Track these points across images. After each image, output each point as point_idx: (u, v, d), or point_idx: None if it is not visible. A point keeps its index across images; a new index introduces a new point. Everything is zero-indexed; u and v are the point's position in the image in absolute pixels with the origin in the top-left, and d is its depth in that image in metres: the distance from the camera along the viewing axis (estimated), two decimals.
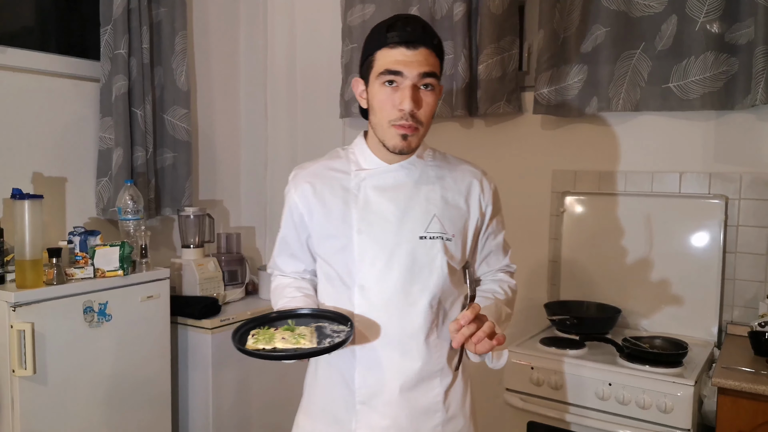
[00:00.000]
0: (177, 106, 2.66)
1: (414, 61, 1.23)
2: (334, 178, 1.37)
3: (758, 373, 1.76)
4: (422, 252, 1.31)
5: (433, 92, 1.26)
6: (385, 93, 1.25)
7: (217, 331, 2.42)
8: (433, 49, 1.25)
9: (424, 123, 1.27)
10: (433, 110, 1.28)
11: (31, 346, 1.88)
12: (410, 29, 1.23)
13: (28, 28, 2.40)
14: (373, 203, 1.33)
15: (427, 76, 1.24)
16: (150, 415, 2.29)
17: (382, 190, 1.34)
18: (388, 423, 1.33)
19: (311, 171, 1.40)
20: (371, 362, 1.32)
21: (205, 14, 2.92)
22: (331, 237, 1.35)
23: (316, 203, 1.37)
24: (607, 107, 2.28)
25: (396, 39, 1.23)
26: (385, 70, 1.24)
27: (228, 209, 3.10)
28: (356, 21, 2.79)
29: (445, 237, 1.32)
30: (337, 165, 1.39)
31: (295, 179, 1.41)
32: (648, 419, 1.85)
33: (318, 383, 1.43)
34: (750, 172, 2.14)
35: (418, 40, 1.23)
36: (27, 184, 2.25)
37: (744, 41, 2.05)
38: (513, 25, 2.46)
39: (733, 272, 2.17)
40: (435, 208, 1.33)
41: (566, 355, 2.03)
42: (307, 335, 1.23)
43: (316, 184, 1.38)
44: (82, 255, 2.11)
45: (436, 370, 1.35)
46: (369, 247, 1.31)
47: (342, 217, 1.34)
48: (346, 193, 1.35)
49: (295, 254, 1.47)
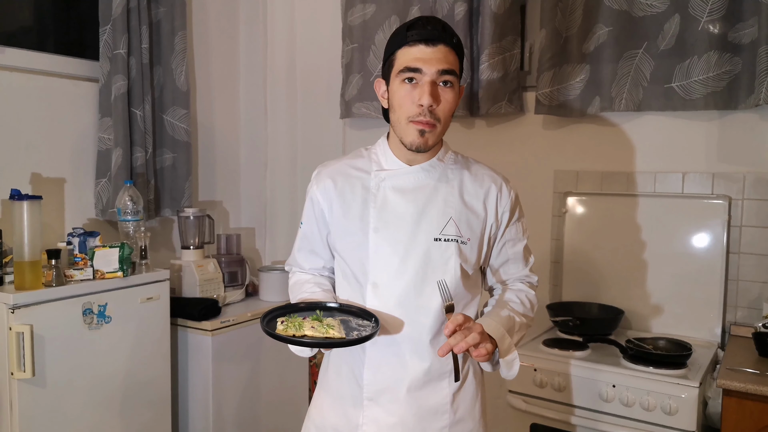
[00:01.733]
0: (176, 106, 2.64)
1: (433, 58, 1.25)
2: (356, 176, 1.40)
3: (763, 375, 1.75)
4: (436, 254, 1.32)
5: (452, 89, 1.28)
6: (405, 90, 1.28)
7: (217, 333, 2.41)
8: (453, 47, 1.28)
9: (442, 120, 1.29)
10: (452, 107, 1.29)
11: (30, 348, 1.87)
12: (430, 28, 1.26)
13: (27, 28, 2.38)
14: (391, 203, 1.35)
15: (446, 73, 1.26)
16: (150, 417, 2.27)
17: (401, 191, 1.36)
18: (394, 420, 1.35)
19: (334, 169, 1.44)
20: (380, 360, 1.35)
21: (205, 14, 2.91)
22: (349, 234, 1.38)
23: (336, 199, 1.40)
24: (610, 107, 2.28)
25: (416, 37, 1.26)
26: (405, 68, 1.27)
27: (228, 210, 3.09)
28: (356, 21, 2.78)
29: (460, 240, 1.34)
30: (359, 164, 1.42)
31: (318, 176, 1.45)
32: (652, 421, 1.84)
33: (329, 377, 1.45)
34: (753, 172, 2.13)
35: (438, 38, 1.26)
36: (26, 185, 2.24)
37: (747, 41, 2.05)
38: (514, 25, 2.45)
39: (736, 273, 2.16)
40: (452, 211, 1.35)
41: (569, 357, 2.02)
42: (335, 326, 1.26)
43: (337, 181, 1.41)
44: (82, 256, 2.10)
45: (445, 372, 1.35)
46: (384, 246, 1.34)
47: (360, 215, 1.37)
48: (366, 192, 1.38)
49: (315, 250, 1.49)
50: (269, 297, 2.72)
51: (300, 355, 1.44)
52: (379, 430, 1.35)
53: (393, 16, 2.69)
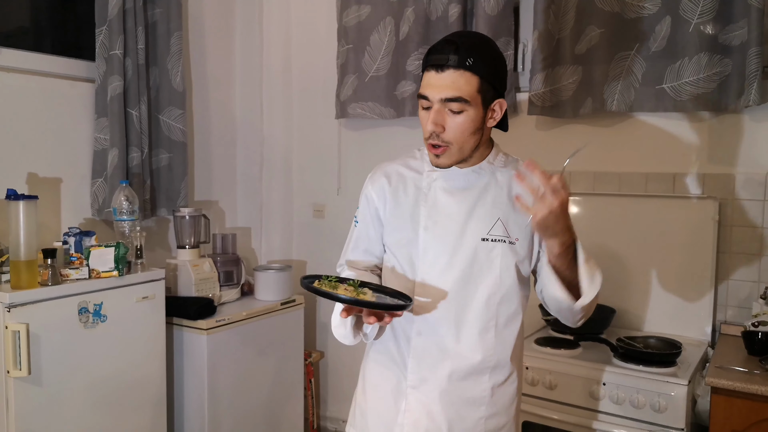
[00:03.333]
0: (172, 106, 2.65)
1: (439, 85, 1.28)
2: (409, 176, 1.46)
3: (751, 373, 1.77)
4: (483, 254, 1.37)
5: (462, 114, 1.29)
6: (422, 113, 1.34)
7: (213, 332, 2.42)
8: (468, 68, 1.27)
9: (453, 142, 1.32)
10: (463, 131, 1.31)
11: (26, 347, 1.88)
12: (442, 51, 1.28)
13: (23, 29, 2.40)
14: (441, 203, 1.40)
15: (450, 101, 1.28)
16: (145, 415, 2.28)
17: (451, 191, 1.40)
18: (435, 409, 1.40)
19: (389, 169, 1.49)
20: (425, 351, 1.40)
21: (201, 15, 2.92)
22: (399, 230, 1.44)
23: (390, 197, 1.45)
24: (602, 108, 2.29)
25: (431, 62, 1.30)
26: (419, 95, 1.33)
27: (224, 210, 3.10)
28: (352, 22, 2.80)
29: (508, 240, 1.37)
30: (413, 164, 1.48)
31: (373, 175, 1.50)
32: (642, 419, 1.86)
33: (372, 365, 1.51)
34: (743, 173, 2.15)
35: (447, 63, 1.27)
36: (22, 185, 2.25)
37: (737, 42, 2.07)
38: (508, 26, 2.47)
39: (726, 272, 2.18)
40: (500, 212, 1.38)
41: (561, 355, 2.04)
42: (368, 295, 1.29)
43: (392, 180, 1.46)
44: (77, 256, 2.11)
45: (487, 367, 1.40)
46: (433, 245, 1.39)
47: (411, 213, 1.42)
48: (418, 192, 1.43)
49: (370, 249, 1.51)
50: (265, 296, 2.73)
51: (335, 331, 1.43)
52: (419, 417, 1.41)
53: (388, 17, 2.70)
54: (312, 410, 3.04)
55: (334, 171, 3.05)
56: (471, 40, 1.31)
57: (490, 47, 1.33)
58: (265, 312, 2.64)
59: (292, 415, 2.83)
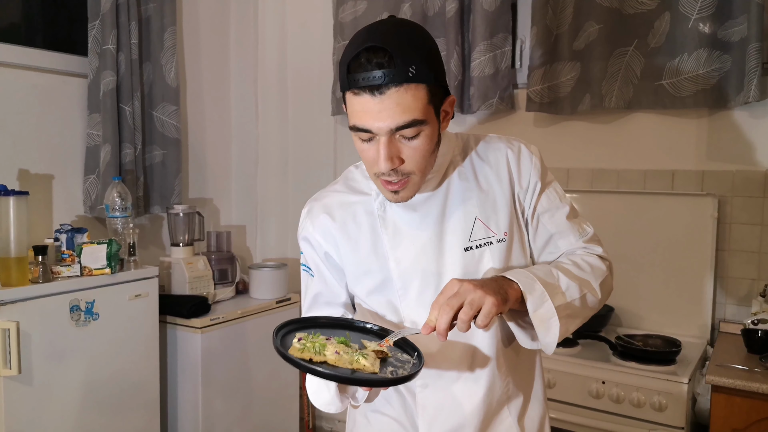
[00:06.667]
0: (166, 102, 2.62)
1: (383, 113, 0.97)
2: (354, 202, 1.17)
3: (751, 371, 1.75)
4: (471, 267, 1.11)
5: (420, 137, 1.01)
6: (361, 145, 1.03)
7: (207, 331, 2.39)
8: (413, 79, 0.96)
9: (416, 170, 1.03)
10: (424, 154, 1.03)
11: (16, 345, 1.85)
12: (375, 67, 0.95)
13: (15, 23, 2.36)
14: (404, 223, 1.13)
15: (404, 128, 0.98)
16: (138, 415, 2.25)
17: (412, 205, 1.12)
18: None
19: (327, 200, 1.20)
20: (436, 407, 1.16)
21: (195, 10, 2.89)
22: (366, 275, 1.16)
23: (340, 236, 1.16)
24: (600, 105, 2.28)
25: (360, 83, 0.96)
26: (353, 126, 1.01)
27: (218, 207, 3.07)
28: (348, 18, 2.78)
29: (495, 239, 1.12)
30: (356, 186, 1.19)
31: (310, 214, 1.20)
32: (642, 417, 1.84)
33: (371, 428, 1.25)
34: (743, 170, 2.14)
35: (386, 81, 0.95)
36: (13, 181, 2.21)
37: (737, 38, 2.05)
38: (506, 22, 2.45)
39: (725, 270, 2.17)
40: (475, 209, 1.13)
41: (560, 354, 2.02)
42: (370, 356, 0.98)
43: (335, 215, 1.17)
44: (69, 253, 2.08)
45: (503, 400, 1.18)
46: (410, 278, 1.13)
47: (372, 247, 1.15)
48: (371, 218, 1.15)
49: (333, 300, 1.21)
50: (259, 294, 2.70)
51: (313, 398, 1.17)
52: None
53: (384, 13, 2.68)
54: (307, 410, 3.01)
55: (330, 168, 3.03)
56: (400, 38, 0.98)
57: (423, 37, 1.01)
58: (260, 310, 2.61)
59: (287, 415, 2.80)
